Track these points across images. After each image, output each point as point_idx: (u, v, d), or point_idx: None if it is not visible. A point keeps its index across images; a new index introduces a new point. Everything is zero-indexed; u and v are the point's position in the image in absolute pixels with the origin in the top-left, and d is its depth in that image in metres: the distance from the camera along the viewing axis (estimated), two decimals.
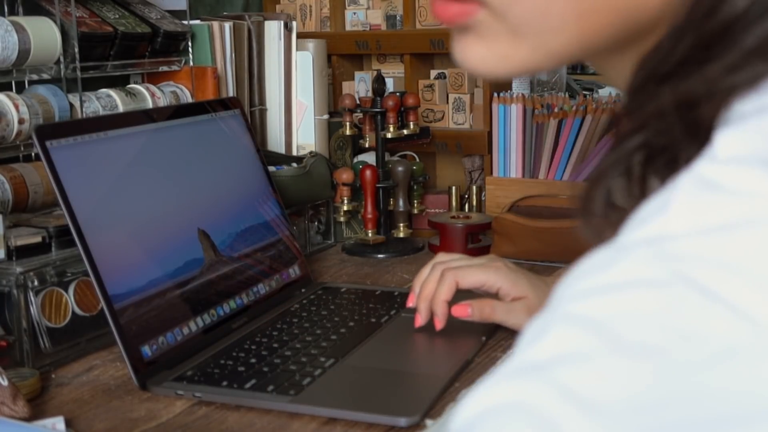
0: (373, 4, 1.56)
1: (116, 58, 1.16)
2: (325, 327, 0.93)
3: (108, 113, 1.11)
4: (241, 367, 0.83)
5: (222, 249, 0.96)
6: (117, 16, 1.18)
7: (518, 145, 1.32)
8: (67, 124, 0.98)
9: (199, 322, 0.89)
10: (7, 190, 0.98)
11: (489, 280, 0.90)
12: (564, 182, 1.29)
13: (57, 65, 1.08)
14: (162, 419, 0.75)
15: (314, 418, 0.74)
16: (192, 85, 1.25)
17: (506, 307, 0.89)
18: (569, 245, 1.17)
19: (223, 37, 1.29)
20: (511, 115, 1.31)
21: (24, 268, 0.85)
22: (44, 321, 0.86)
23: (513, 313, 0.89)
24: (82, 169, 0.83)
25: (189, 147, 0.97)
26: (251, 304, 0.97)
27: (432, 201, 1.41)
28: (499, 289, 0.90)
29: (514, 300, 0.89)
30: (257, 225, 1.03)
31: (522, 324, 0.89)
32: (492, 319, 0.89)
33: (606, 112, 1.26)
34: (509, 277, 0.90)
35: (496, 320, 0.89)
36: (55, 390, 0.82)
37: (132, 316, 0.82)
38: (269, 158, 1.27)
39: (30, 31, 1.03)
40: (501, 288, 0.89)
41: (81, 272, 0.89)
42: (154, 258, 0.87)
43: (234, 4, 1.62)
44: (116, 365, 0.87)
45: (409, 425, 0.72)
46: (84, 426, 0.74)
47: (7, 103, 1.00)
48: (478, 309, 0.89)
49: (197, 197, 0.96)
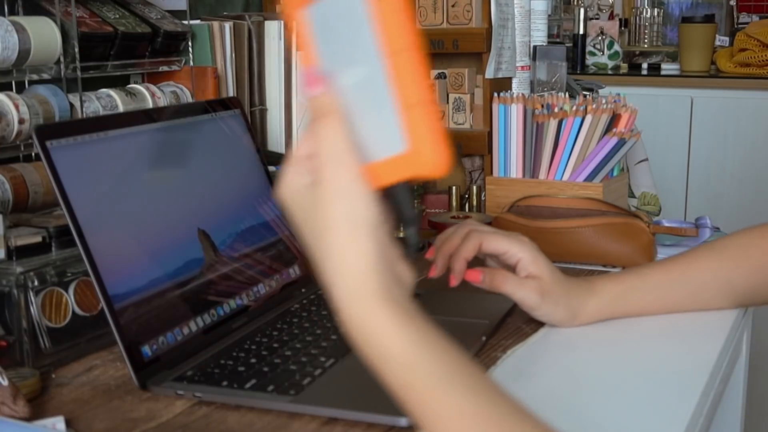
0: None
1: (116, 58, 1.16)
2: (326, 327, 0.93)
3: (108, 113, 1.11)
4: (241, 367, 0.83)
5: (222, 249, 0.96)
6: (117, 16, 1.18)
7: (518, 145, 1.32)
8: (67, 124, 0.98)
9: (199, 322, 0.89)
10: (7, 190, 0.98)
11: (512, 249, 0.91)
12: (564, 182, 1.29)
13: (57, 65, 1.08)
14: (162, 419, 0.75)
15: (314, 418, 0.74)
16: (192, 85, 1.25)
17: (518, 281, 0.90)
18: (569, 245, 1.17)
19: (223, 37, 1.29)
20: (511, 115, 1.31)
21: (24, 268, 0.85)
22: (44, 321, 0.86)
23: (523, 289, 0.90)
24: (82, 169, 0.83)
25: (189, 147, 0.97)
26: (251, 304, 0.97)
27: (432, 201, 1.41)
28: (519, 260, 0.90)
29: (528, 277, 0.90)
30: (257, 225, 1.03)
31: (529, 301, 0.90)
32: (501, 289, 0.90)
33: (606, 112, 1.26)
34: (532, 253, 0.90)
35: (504, 291, 0.90)
36: (55, 390, 0.82)
37: (132, 316, 0.82)
38: (269, 158, 1.27)
39: (30, 31, 1.03)
40: (521, 260, 0.90)
41: (81, 272, 0.89)
42: (154, 258, 0.87)
43: (234, 4, 1.62)
44: (116, 365, 0.87)
45: (409, 425, 0.72)
46: (84, 426, 0.74)
47: (7, 103, 1.00)
48: (489, 276, 0.90)
49: (197, 197, 0.96)
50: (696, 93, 3.02)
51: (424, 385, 0.55)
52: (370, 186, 0.56)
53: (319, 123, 0.57)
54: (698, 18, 3.27)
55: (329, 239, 0.56)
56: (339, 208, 0.56)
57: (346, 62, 0.56)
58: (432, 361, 0.55)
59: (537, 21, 1.59)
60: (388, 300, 0.56)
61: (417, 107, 0.53)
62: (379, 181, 0.56)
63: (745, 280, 0.94)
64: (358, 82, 0.55)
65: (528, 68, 1.52)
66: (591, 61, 3.42)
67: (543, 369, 0.85)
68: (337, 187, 0.56)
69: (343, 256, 0.56)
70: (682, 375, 0.83)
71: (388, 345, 0.56)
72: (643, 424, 0.73)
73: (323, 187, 0.56)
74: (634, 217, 1.17)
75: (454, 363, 0.56)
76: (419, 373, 0.55)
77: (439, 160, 0.52)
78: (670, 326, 0.94)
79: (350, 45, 0.55)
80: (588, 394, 0.79)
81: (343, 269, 0.56)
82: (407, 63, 0.52)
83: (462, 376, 0.55)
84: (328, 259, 0.57)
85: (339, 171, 0.56)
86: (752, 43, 3.03)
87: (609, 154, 1.26)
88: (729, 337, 0.93)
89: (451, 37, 1.42)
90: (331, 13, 0.56)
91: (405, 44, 0.52)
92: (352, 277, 0.56)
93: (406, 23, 0.52)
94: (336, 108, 0.56)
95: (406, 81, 0.52)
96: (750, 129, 2.95)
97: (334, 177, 0.56)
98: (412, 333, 0.56)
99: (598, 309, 0.93)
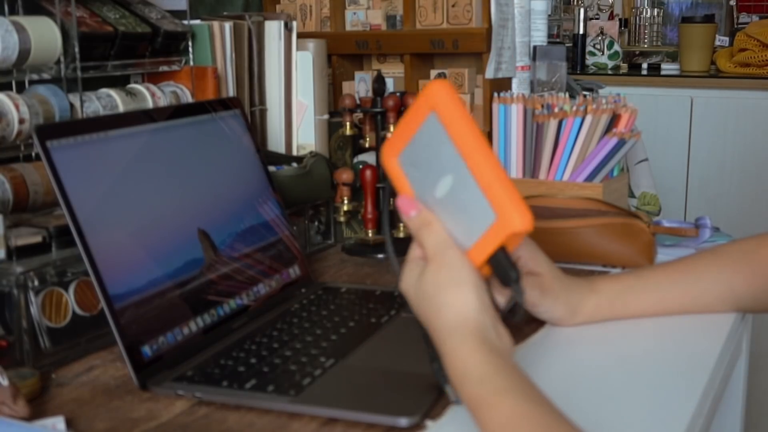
0: (373, 4, 1.56)
1: (116, 58, 1.16)
2: (325, 327, 0.93)
3: (108, 113, 1.11)
4: (241, 367, 0.83)
5: (222, 249, 0.96)
6: (117, 16, 1.18)
7: (518, 145, 1.32)
8: (67, 124, 0.98)
9: (199, 322, 0.89)
10: (7, 190, 0.98)
11: None
12: (564, 182, 1.29)
13: (57, 65, 1.08)
14: (162, 419, 0.75)
15: (314, 419, 0.74)
16: (192, 85, 1.25)
17: None
18: (569, 245, 1.17)
19: (223, 37, 1.29)
20: (512, 115, 1.31)
21: (24, 268, 0.85)
22: (44, 321, 0.86)
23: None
24: (82, 168, 0.83)
25: (189, 147, 0.97)
26: (251, 304, 0.97)
27: None
28: (519, 258, 0.90)
29: (528, 274, 0.90)
30: (257, 225, 1.03)
31: (530, 298, 0.90)
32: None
33: (606, 112, 1.26)
34: (531, 250, 0.91)
35: None
36: (55, 390, 0.82)
37: (132, 316, 0.82)
38: (269, 158, 1.27)
39: (30, 31, 1.03)
40: (521, 257, 0.90)
41: (81, 272, 0.89)
42: (154, 258, 0.87)
43: (234, 4, 1.62)
44: (116, 365, 0.87)
45: (409, 425, 0.72)
46: (84, 426, 0.74)
47: (7, 103, 1.00)
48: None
49: (197, 197, 0.96)
50: (696, 93, 3.02)
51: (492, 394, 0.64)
52: (475, 264, 0.68)
53: (421, 233, 0.70)
54: (698, 18, 3.27)
55: (440, 299, 0.68)
56: (445, 275, 0.68)
57: (436, 177, 0.70)
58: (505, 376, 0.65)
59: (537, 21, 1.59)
60: (483, 341, 0.66)
61: (493, 184, 0.65)
62: (482, 257, 0.67)
63: (746, 287, 0.94)
64: (451, 187, 0.68)
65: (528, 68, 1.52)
66: (591, 61, 3.42)
67: (543, 369, 0.85)
68: (443, 263, 0.68)
69: (450, 305, 0.67)
70: (682, 375, 0.83)
71: (472, 368, 0.65)
72: (643, 424, 0.73)
73: (432, 268, 0.69)
74: (634, 218, 1.17)
75: (526, 382, 0.65)
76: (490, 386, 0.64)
77: (524, 214, 0.64)
78: (671, 326, 0.94)
79: (436, 163, 0.69)
80: (588, 395, 0.79)
81: (449, 313, 0.67)
82: (480, 156, 0.66)
83: (531, 387, 0.65)
84: (438, 315, 0.68)
85: (444, 253, 0.69)
86: (752, 43, 3.03)
87: (609, 155, 1.26)
88: (729, 338, 0.93)
89: (451, 37, 1.42)
90: (418, 148, 0.71)
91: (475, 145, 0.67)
92: (455, 316, 0.67)
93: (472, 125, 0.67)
94: (432, 219, 0.70)
95: (482, 169, 0.66)
96: (750, 129, 2.95)
97: (440, 258, 0.69)
98: (500, 365, 0.65)
99: (598, 307, 0.93)
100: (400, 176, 0.73)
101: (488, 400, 0.63)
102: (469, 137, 0.67)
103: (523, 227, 0.64)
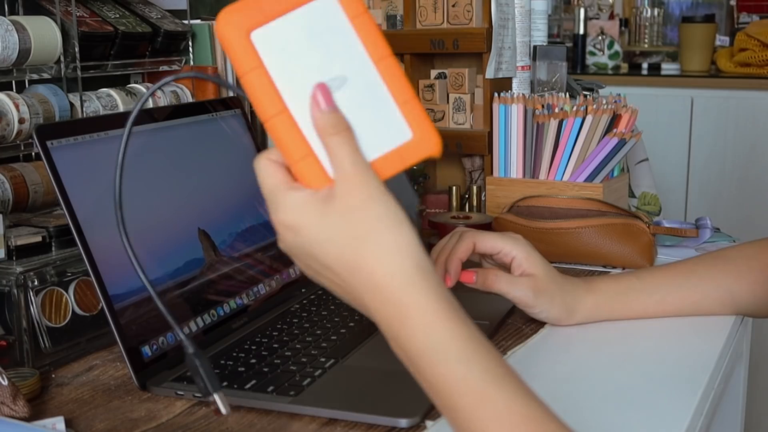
0: (373, 4, 1.56)
1: (116, 57, 1.16)
2: (326, 327, 0.93)
3: (108, 113, 1.11)
4: (241, 368, 0.83)
5: (222, 249, 0.96)
6: (117, 16, 1.18)
7: (518, 145, 1.32)
8: (67, 123, 0.98)
9: (199, 322, 0.89)
10: (7, 190, 0.98)
11: (505, 247, 0.91)
12: (564, 182, 1.29)
13: (57, 65, 1.08)
14: (162, 419, 0.75)
15: (314, 419, 0.74)
16: (192, 84, 1.25)
17: (511, 279, 0.91)
18: (569, 246, 1.17)
19: None
20: (512, 115, 1.31)
21: (24, 268, 0.85)
22: (44, 321, 0.86)
23: (517, 287, 0.90)
24: (82, 168, 0.83)
25: (189, 147, 0.97)
26: (251, 304, 0.97)
27: (432, 201, 1.41)
28: (513, 258, 0.91)
29: (522, 275, 0.90)
30: (257, 225, 1.03)
31: (524, 299, 0.90)
32: (494, 288, 0.91)
33: (606, 112, 1.26)
34: (525, 250, 0.91)
35: (497, 289, 0.91)
36: (55, 390, 0.82)
37: (132, 316, 0.82)
38: None
39: (30, 30, 1.03)
40: (515, 258, 0.90)
41: (81, 272, 0.89)
42: (155, 258, 0.87)
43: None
44: (116, 365, 0.87)
45: (409, 426, 0.72)
46: (84, 426, 0.74)
47: (7, 102, 1.00)
48: (482, 276, 0.91)
49: (197, 197, 0.95)
50: (696, 93, 3.02)
51: (478, 381, 0.55)
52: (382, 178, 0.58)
53: (332, 140, 0.57)
54: (698, 18, 3.27)
55: (375, 239, 0.56)
56: (377, 209, 0.56)
57: (319, 72, 0.59)
58: (485, 358, 0.55)
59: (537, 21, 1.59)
60: (427, 273, 0.56)
61: (410, 101, 0.60)
62: (388, 173, 0.59)
63: (747, 292, 0.94)
64: (346, 88, 0.59)
65: (528, 68, 1.52)
66: (591, 61, 3.42)
67: (543, 370, 0.85)
68: (370, 195, 0.56)
69: (397, 247, 0.56)
70: (682, 375, 0.83)
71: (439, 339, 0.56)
72: (643, 424, 0.73)
73: (354, 200, 0.56)
74: (634, 218, 1.17)
75: (502, 362, 0.56)
76: (474, 370, 0.55)
77: (438, 140, 0.60)
78: (671, 327, 0.94)
79: (324, 55, 0.59)
80: (588, 395, 0.79)
81: (396, 258, 0.56)
82: (393, 66, 0.60)
83: (511, 377, 0.55)
84: (380, 263, 0.56)
85: (368, 181, 0.56)
86: (752, 43, 3.03)
87: (609, 155, 1.26)
88: (729, 338, 0.93)
89: (452, 37, 1.42)
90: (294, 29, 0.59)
91: (388, 51, 0.60)
92: (403, 260, 0.56)
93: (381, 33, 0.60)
94: (347, 125, 0.57)
95: (396, 81, 0.60)
96: (750, 129, 2.95)
97: (362, 185, 0.56)
98: (461, 327, 0.56)
99: (596, 307, 0.93)
100: (251, 56, 0.58)
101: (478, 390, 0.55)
102: (380, 39, 0.59)
103: (439, 153, 0.60)
